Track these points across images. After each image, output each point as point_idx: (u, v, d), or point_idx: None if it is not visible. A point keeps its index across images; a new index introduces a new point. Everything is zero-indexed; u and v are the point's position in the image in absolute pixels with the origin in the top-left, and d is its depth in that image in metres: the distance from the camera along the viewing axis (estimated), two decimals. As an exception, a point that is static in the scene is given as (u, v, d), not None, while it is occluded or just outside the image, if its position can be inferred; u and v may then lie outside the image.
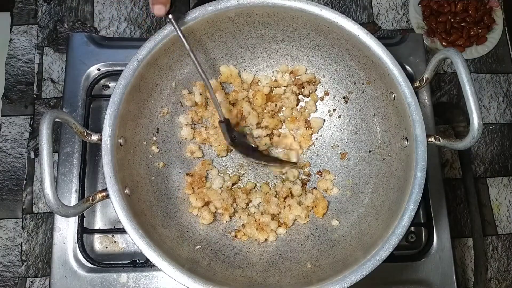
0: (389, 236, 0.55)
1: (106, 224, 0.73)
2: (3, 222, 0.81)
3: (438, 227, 0.74)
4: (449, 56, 0.55)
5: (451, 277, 0.72)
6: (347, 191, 0.71)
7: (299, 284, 0.58)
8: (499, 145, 0.90)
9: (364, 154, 0.71)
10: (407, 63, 0.81)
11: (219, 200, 0.69)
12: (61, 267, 0.70)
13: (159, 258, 0.54)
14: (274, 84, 0.74)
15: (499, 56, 0.94)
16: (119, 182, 0.57)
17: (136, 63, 0.61)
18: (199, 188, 0.70)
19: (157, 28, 0.91)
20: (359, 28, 0.62)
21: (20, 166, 0.83)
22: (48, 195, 0.49)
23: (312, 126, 0.74)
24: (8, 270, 0.79)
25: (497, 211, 0.87)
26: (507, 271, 0.84)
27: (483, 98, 0.93)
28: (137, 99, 0.63)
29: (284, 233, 0.69)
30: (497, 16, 0.94)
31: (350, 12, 0.94)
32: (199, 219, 0.68)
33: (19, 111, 0.86)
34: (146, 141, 0.67)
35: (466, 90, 0.53)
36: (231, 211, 0.69)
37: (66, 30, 0.90)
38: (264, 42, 0.71)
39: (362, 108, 0.71)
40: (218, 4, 0.63)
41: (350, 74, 0.70)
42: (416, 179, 0.57)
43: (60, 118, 0.53)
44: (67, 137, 0.75)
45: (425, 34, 0.92)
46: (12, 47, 0.89)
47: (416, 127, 0.58)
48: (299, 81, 0.73)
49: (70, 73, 0.78)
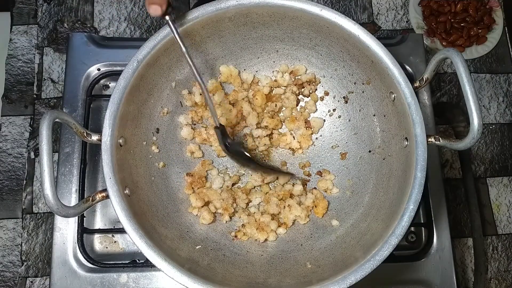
0: (389, 236, 0.55)
1: (106, 224, 0.73)
2: (3, 222, 0.81)
3: (438, 227, 0.74)
4: (449, 56, 0.55)
5: (451, 277, 0.72)
6: (347, 191, 0.71)
7: (299, 284, 0.58)
8: (499, 145, 0.90)
9: (364, 154, 0.71)
10: (407, 63, 0.81)
11: (219, 200, 0.69)
12: (61, 267, 0.70)
13: (159, 258, 0.54)
14: (274, 84, 0.74)
15: (499, 56, 0.94)
16: (119, 182, 0.57)
17: (136, 63, 0.61)
18: (199, 188, 0.70)
19: (157, 28, 0.91)
20: (359, 28, 0.62)
21: (20, 166, 0.83)
22: (48, 195, 0.49)
23: (312, 126, 0.74)
24: (8, 270, 0.79)
25: (497, 211, 0.87)
26: (507, 271, 0.84)
27: (483, 98, 0.93)
28: (137, 99, 0.63)
29: (284, 233, 0.69)
30: (497, 16, 0.94)
31: (350, 12, 0.94)
32: (199, 219, 0.68)
33: (19, 111, 0.86)
34: (146, 141, 0.67)
35: (466, 90, 0.53)
36: (231, 211, 0.69)
37: (66, 30, 0.90)
38: (264, 42, 0.71)
39: (362, 108, 0.71)
40: (218, 4, 0.63)
41: (350, 74, 0.70)
42: (416, 179, 0.57)
43: (60, 118, 0.53)
44: (67, 137, 0.75)
45: (425, 34, 0.92)
46: (12, 47, 0.89)
47: (416, 127, 0.58)
48: (299, 81, 0.73)
49: (70, 73, 0.78)
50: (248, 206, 0.71)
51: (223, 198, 0.69)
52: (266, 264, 0.64)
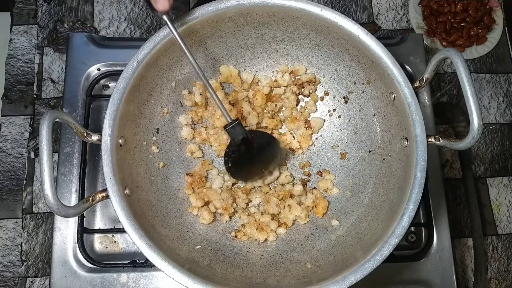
0: (389, 236, 0.55)
1: (106, 224, 0.73)
2: (3, 222, 0.81)
3: (438, 227, 0.74)
4: (449, 56, 0.55)
5: (451, 277, 0.72)
6: (347, 191, 0.71)
7: (299, 284, 0.58)
8: (499, 145, 0.90)
9: (364, 154, 0.71)
10: (407, 63, 0.81)
11: (219, 200, 0.69)
12: (61, 267, 0.70)
13: (159, 258, 0.54)
14: (274, 84, 0.74)
15: (499, 56, 0.94)
16: (119, 182, 0.57)
17: (136, 63, 0.61)
18: (199, 188, 0.70)
19: (157, 28, 0.91)
20: (359, 28, 0.62)
21: (20, 166, 0.83)
22: (48, 195, 0.49)
23: (312, 126, 0.74)
24: (8, 270, 0.79)
25: (497, 211, 0.87)
26: (507, 271, 0.84)
27: (483, 98, 0.93)
28: (137, 99, 0.63)
29: (284, 233, 0.69)
30: (497, 16, 0.94)
31: (350, 12, 0.94)
32: (199, 219, 0.68)
33: (19, 111, 0.86)
34: (146, 141, 0.67)
35: (466, 90, 0.53)
36: (231, 211, 0.69)
37: (66, 30, 0.90)
38: (264, 42, 0.71)
39: (362, 108, 0.71)
40: (218, 4, 0.63)
41: (350, 74, 0.70)
42: (416, 179, 0.57)
43: (60, 118, 0.53)
44: (67, 137, 0.75)
45: (425, 34, 0.92)
46: (12, 47, 0.89)
47: (416, 127, 0.58)
48: (299, 81, 0.73)
49: (70, 73, 0.78)
50: (248, 206, 0.71)
51: (223, 198, 0.69)
52: (266, 264, 0.64)
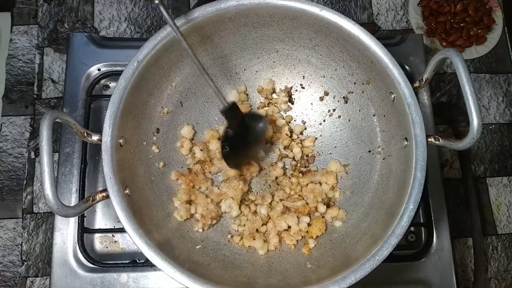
0: (388, 236, 0.56)
1: (107, 224, 0.73)
2: (3, 222, 0.81)
3: (438, 227, 0.74)
4: (449, 56, 0.55)
5: (451, 277, 0.72)
6: (347, 191, 0.71)
7: (299, 284, 0.58)
8: (499, 145, 0.91)
9: (364, 154, 0.71)
10: (407, 63, 0.81)
11: (203, 206, 0.67)
12: (61, 267, 0.70)
13: (159, 258, 0.54)
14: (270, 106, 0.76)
15: (499, 56, 0.94)
16: (119, 182, 0.57)
17: (136, 63, 0.61)
18: (194, 187, 0.70)
19: (157, 28, 0.91)
20: (359, 29, 0.62)
21: (20, 166, 0.83)
22: (48, 195, 0.50)
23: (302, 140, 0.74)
24: (9, 270, 0.79)
25: (497, 211, 0.87)
26: (507, 271, 0.84)
27: (483, 98, 0.93)
28: (137, 99, 0.63)
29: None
30: (496, 16, 0.94)
31: (350, 12, 0.94)
32: (176, 211, 0.66)
33: (19, 111, 0.86)
34: (146, 141, 0.67)
35: (465, 90, 0.53)
36: (208, 222, 0.66)
37: (67, 30, 0.90)
38: (264, 42, 0.71)
39: (362, 108, 0.71)
40: (218, 5, 0.63)
41: (350, 74, 0.70)
42: (415, 179, 0.57)
43: (60, 118, 0.53)
44: (67, 137, 0.75)
45: (425, 34, 0.92)
46: (12, 47, 0.89)
47: (416, 127, 0.58)
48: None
49: (71, 73, 0.78)
50: (250, 210, 0.70)
51: (208, 207, 0.67)
52: (266, 264, 0.65)
